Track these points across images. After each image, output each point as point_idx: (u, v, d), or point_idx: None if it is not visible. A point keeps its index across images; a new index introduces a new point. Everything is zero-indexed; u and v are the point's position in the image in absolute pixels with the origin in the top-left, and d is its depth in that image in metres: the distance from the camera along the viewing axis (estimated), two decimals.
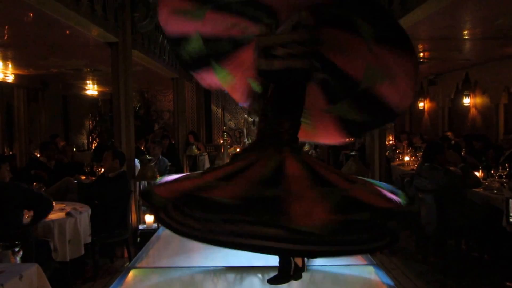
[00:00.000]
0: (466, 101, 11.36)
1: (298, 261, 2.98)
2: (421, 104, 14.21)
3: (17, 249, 3.69)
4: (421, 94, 13.65)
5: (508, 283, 5.09)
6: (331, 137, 2.91)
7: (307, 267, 3.76)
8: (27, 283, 3.34)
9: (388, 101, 2.49)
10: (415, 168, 7.69)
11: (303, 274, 3.39)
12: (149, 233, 6.66)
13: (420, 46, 7.97)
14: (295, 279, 3.01)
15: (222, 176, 2.46)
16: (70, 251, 5.04)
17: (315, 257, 3.12)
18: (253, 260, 3.79)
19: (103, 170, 7.11)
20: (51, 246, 4.87)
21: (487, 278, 5.42)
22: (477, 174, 6.59)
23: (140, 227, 6.90)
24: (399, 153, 10.02)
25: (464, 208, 5.63)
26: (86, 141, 15.65)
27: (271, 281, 2.97)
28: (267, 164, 2.50)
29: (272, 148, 2.64)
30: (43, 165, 7.77)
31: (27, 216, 4.78)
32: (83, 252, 5.27)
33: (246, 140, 10.62)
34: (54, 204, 5.34)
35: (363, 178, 2.93)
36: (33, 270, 3.47)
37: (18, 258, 3.69)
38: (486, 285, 5.23)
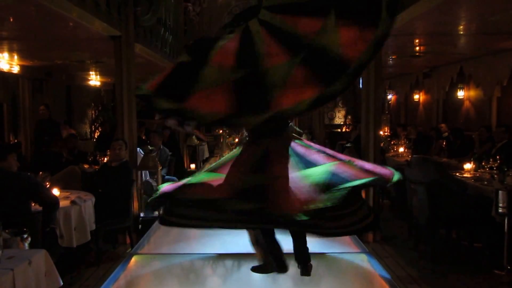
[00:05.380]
0: (460, 94, 11.44)
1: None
2: (416, 97, 14.33)
3: (25, 236, 3.80)
4: (416, 86, 13.76)
5: (496, 271, 5.22)
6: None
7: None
8: (36, 268, 3.48)
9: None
10: (409, 159, 7.86)
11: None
12: (150, 221, 6.86)
13: (416, 41, 8.06)
14: (279, 272, 3.23)
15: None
16: (76, 238, 5.16)
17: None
18: (250, 247, 4.01)
19: (105, 159, 7.27)
20: (57, 233, 5.04)
21: (476, 265, 5.55)
22: (469, 165, 6.80)
23: (142, 214, 7.02)
24: (394, 144, 10.17)
25: (455, 199, 5.77)
26: (89, 130, 15.79)
27: (255, 269, 3.19)
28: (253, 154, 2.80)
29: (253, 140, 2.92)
30: (58, 156, 7.87)
31: (33, 205, 4.95)
32: (89, 238, 5.38)
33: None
34: (59, 192, 5.53)
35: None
36: (41, 255, 3.61)
37: (26, 244, 3.79)
38: (475, 272, 5.33)
